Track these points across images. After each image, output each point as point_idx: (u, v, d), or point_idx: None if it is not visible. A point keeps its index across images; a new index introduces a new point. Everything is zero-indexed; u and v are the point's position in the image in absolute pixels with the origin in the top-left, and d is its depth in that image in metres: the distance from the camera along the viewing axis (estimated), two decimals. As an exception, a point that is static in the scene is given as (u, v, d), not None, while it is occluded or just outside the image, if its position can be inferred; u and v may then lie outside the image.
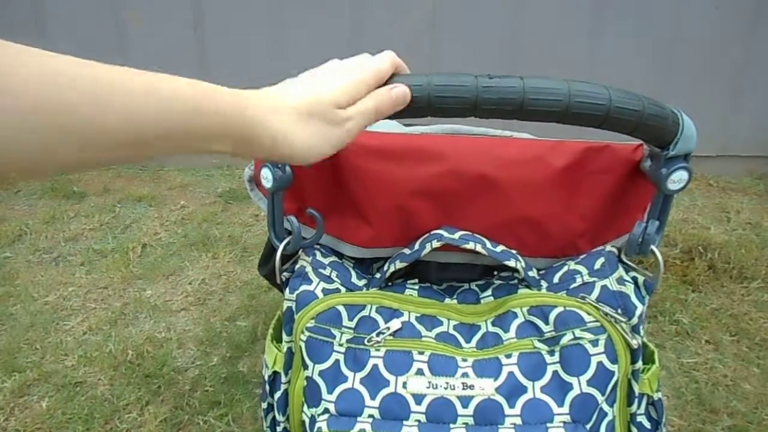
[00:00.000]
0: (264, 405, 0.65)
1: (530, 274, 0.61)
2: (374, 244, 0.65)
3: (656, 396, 0.58)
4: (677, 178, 0.54)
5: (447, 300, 0.62)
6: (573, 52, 2.32)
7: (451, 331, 0.59)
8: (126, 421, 1.24)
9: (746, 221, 2.10)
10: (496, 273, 0.66)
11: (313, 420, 0.55)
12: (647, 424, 0.59)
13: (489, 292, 0.62)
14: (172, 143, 0.35)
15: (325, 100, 0.42)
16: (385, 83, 0.47)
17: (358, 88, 0.44)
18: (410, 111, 0.48)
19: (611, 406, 0.54)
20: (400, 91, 0.46)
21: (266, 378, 0.64)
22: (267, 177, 0.59)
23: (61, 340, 1.48)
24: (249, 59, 2.35)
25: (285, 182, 0.60)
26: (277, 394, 0.62)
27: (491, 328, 0.58)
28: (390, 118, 0.49)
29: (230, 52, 2.36)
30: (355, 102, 0.44)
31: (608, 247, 0.61)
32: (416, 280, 0.65)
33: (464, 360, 0.55)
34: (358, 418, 0.53)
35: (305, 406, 0.56)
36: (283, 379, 0.61)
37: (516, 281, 0.63)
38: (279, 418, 0.62)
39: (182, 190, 2.35)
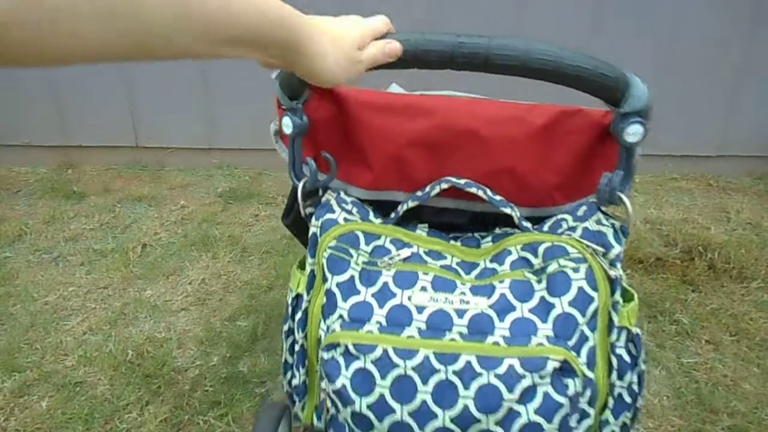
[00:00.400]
0: (285, 328, 0.72)
1: (524, 224, 0.69)
2: (375, 187, 0.74)
3: (635, 330, 0.64)
4: (632, 131, 0.62)
5: (452, 242, 0.71)
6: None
7: (454, 266, 0.67)
8: (126, 421, 1.24)
9: (746, 221, 2.10)
10: (497, 226, 0.74)
11: (328, 329, 0.63)
12: (627, 358, 0.64)
13: (489, 238, 0.71)
14: (244, 48, 0.42)
15: (350, 40, 0.52)
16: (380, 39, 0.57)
17: (366, 39, 0.54)
18: (401, 63, 0.58)
19: (592, 331, 0.61)
20: (394, 46, 0.56)
21: (289, 302, 0.71)
22: (288, 124, 0.69)
23: (61, 340, 1.48)
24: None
25: (303, 129, 0.69)
26: (298, 315, 0.70)
27: (489, 264, 0.67)
28: (384, 67, 0.58)
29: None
30: (364, 48, 0.54)
31: (591, 199, 0.70)
32: (426, 224, 0.73)
33: (463, 284, 0.64)
34: (367, 323, 0.61)
35: (322, 322, 0.65)
36: (305, 298, 0.69)
37: (513, 232, 0.70)
38: (297, 336, 0.69)
39: (182, 190, 2.35)
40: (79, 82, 2.41)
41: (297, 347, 0.70)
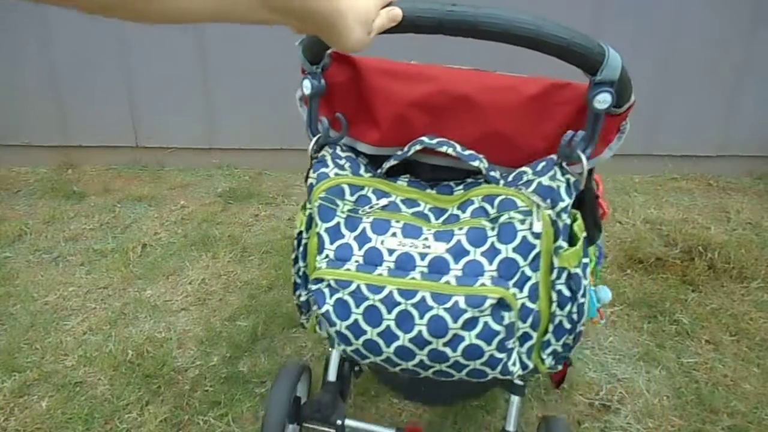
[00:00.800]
0: (293, 256, 0.87)
1: (492, 174, 0.77)
2: (381, 143, 0.84)
3: (573, 270, 0.75)
4: (602, 99, 0.68)
5: (428, 191, 0.81)
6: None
7: (426, 212, 0.78)
8: (126, 421, 1.24)
9: (746, 221, 2.10)
10: (471, 176, 0.83)
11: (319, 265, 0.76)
12: (566, 293, 0.76)
13: (461, 187, 0.81)
14: (291, 18, 0.48)
15: (369, 15, 0.58)
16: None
17: (379, 9, 0.60)
18: (400, 28, 0.64)
19: (534, 271, 0.73)
20: (396, 12, 0.63)
21: (295, 235, 0.86)
22: (307, 86, 0.79)
23: (61, 340, 1.48)
24: (249, 58, 2.35)
25: (320, 90, 0.79)
26: (301, 247, 0.85)
27: (455, 211, 0.77)
28: (385, 32, 0.63)
29: (230, 51, 2.36)
30: (374, 19, 0.60)
31: (551, 156, 0.77)
32: (407, 176, 0.83)
33: (428, 230, 0.75)
34: (347, 263, 0.75)
35: (318, 255, 0.78)
36: (305, 235, 0.84)
37: (482, 181, 0.79)
38: (301, 264, 0.86)
39: (182, 190, 2.35)
40: (79, 82, 2.41)
41: (301, 272, 0.86)
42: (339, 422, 0.98)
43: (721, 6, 2.23)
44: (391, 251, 0.74)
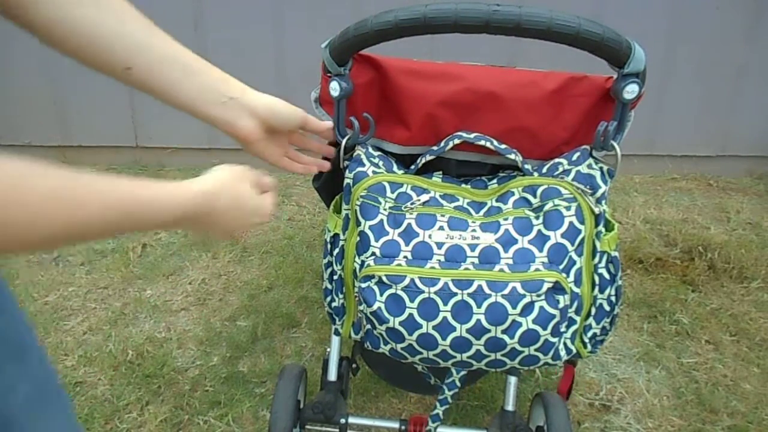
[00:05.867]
0: (324, 261, 0.87)
1: (526, 166, 0.81)
2: (410, 143, 0.86)
3: (613, 253, 0.79)
4: (630, 90, 0.74)
5: (463, 185, 0.83)
6: (573, 52, 2.31)
7: (465, 206, 0.80)
8: (126, 421, 1.24)
9: (746, 221, 2.10)
10: (501, 171, 0.86)
11: (362, 264, 0.77)
12: (606, 276, 0.79)
13: (494, 180, 0.84)
14: None
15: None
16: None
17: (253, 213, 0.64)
18: (446, 29, 0.67)
19: (579, 256, 0.76)
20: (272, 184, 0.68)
21: (328, 240, 0.86)
22: (335, 88, 0.79)
23: (61, 340, 1.48)
24: (250, 58, 2.35)
25: (348, 92, 0.80)
26: (336, 250, 0.85)
27: (494, 204, 0.79)
28: (423, 33, 0.68)
29: (230, 51, 2.36)
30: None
31: (585, 147, 0.82)
32: (440, 172, 0.85)
33: (473, 222, 0.77)
34: (396, 258, 0.75)
35: (356, 256, 0.79)
36: (342, 237, 0.84)
37: (515, 174, 0.82)
38: (336, 268, 0.85)
39: (182, 190, 2.35)
40: (80, 82, 2.41)
41: (336, 276, 0.85)
42: (342, 421, 0.98)
43: (721, 6, 2.23)
44: (440, 244, 0.75)
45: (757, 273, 1.75)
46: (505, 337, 0.72)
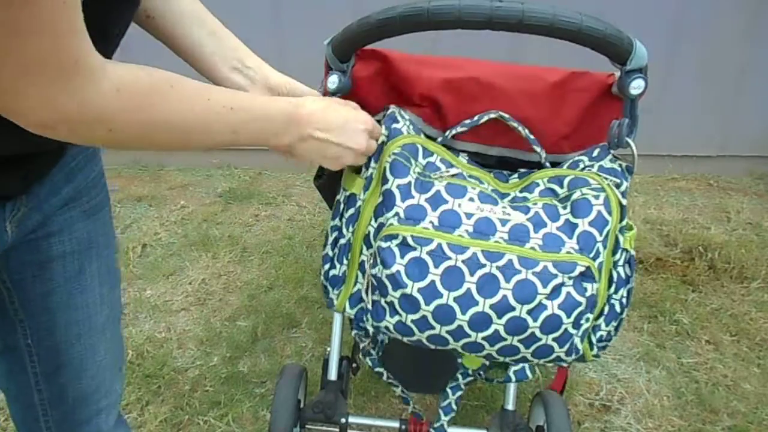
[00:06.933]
0: (331, 224, 0.81)
1: (547, 164, 0.81)
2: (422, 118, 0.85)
3: (632, 252, 0.77)
4: (636, 85, 0.74)
5: (487, 173, 0.81)
6: (573, 53, 2.31)
7: (489, 192, 0.76)
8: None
9: (746, 221, 2.10)
10: (503, 166, 0.86)
11: (380, 227, 0.73)
12: (623, 275, 0.76)
13: (515, 176, 0.83)
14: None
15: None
16: None
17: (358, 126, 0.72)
18: (450, 24, 0.68)
19: (604, 249, 0.73)
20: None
21: (341, 200, 0.80)
22: (333, 81, 0.78)
23: (61, 340, 1.48)
24: (249, 59, 2.35)
25: (345, 89, 0.79)
26: (350, 212, 0.79)
27: (519, 194, 0.78)
28: (426, 28, 0.69)
29: (230, 52, 2.36)
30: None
31: (603, 144, 0.81)
32: (466, 153, 0.84)
33: (503, 200, 0.75)
34: (421, 222, 0.70)
35: (373, 219, 0.75)
36: (360, 197, 0.78)
37: (534, 172, 0.81)
38: (345, 231, 0.79)
39: (182, 190, 2.35)
40: (79, 82, 2.41)
41: (342, 241, 0.79)
42: (343, 420, 0.98)
43: (721, 6, 2.23)
44: (469, 215, 0.71)
45: (758, 273, 1.75)
46: (529, 319, 0.68)
